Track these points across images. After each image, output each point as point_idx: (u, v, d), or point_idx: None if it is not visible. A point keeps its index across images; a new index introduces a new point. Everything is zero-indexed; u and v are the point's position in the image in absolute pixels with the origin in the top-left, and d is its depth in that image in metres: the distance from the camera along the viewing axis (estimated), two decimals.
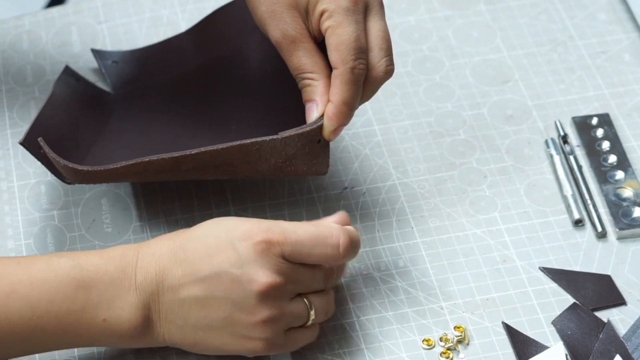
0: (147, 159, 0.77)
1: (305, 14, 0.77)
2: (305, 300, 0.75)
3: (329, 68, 0.78)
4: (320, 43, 0.79)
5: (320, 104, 0.78)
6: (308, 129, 0.77)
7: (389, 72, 0.78)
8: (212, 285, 0.72)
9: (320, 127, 0.78)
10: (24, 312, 0.71)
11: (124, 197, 0.87)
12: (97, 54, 0.93)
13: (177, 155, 0.77)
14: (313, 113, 0.78)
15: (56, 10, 0.98)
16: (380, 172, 0.89)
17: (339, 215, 0.77)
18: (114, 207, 0.86)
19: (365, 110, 0.92)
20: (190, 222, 0.85)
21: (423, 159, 0.89)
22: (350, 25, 0.76)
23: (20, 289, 0.71)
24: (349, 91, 0.76)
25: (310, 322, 0.75)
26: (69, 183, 0.81)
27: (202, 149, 0.77)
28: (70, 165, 0.78)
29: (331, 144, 0.89)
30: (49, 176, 0.87)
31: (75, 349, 0.77)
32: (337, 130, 0.78)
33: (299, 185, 0.88)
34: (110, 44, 0.96)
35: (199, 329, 0.73)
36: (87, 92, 0.88)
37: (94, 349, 0.78)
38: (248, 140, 0.77)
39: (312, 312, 0.75)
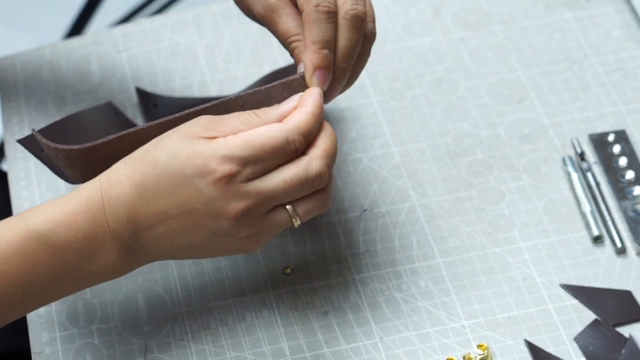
0: (137, 128, 0.75)
1: None
2: (286, 208, 0.73)
3: None
4: None
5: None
6: (291, 78, 0.75)
7: (361, 16, 0.75)
8: (184, 220, 0.72)
9: (303, 76, 0.75)
10: (5, 287, 0.71)
11: None
12: (140, 94, 0.93)
13: (166, 120, 0.75)
14: (301, 69, 0.76)
15: (76, 40, 1.00)
16: (399, 194, 0.89)
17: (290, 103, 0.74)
18: None
19: (383, 132, 0.93)
20: None
21: (441, 179, 0.90)
22: None
23: None
24: (316, 29, 0.74)
25: (296, 225, 0.73)
26: (71, 182, 0.78)
27: (190, 110, 0.75)
28: (61, 147, 0.75)
29: (350, 167, 0.90)
30: None
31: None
32: (320, 76, 0.75)
33: None
34: (129, 73, 0.97)
35: (185, 250, 0.74)
36: (122, 125, 0.88)
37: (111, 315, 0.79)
38: (232, 95, 0.75)
39: (297, 219, 0.73)
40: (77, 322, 0.82)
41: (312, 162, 0.72)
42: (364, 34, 0.76)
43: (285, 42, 0.77)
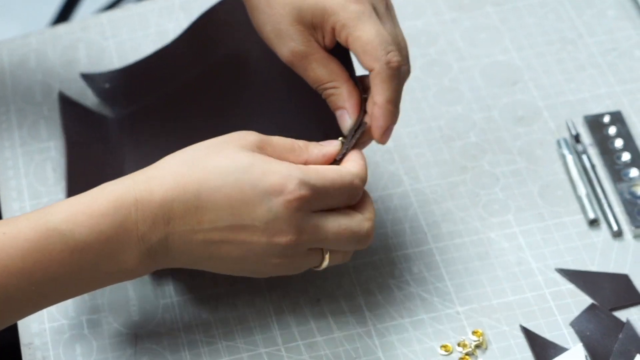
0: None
1: (311, 27, 0.75)
2: (322, 252, 0.74)
3: (346, 72, 0.77)
4: (331, 50, 0.78)
5: (350, 109, 0.76)
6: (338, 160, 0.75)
7: (407, 72, 0.76)
8: (232, 233, 0.71)
9: (362, 134, 0.76)
10: (20, 285, 0.70)
11: None
12: (87, 79, 0.91)
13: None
14: (346, 120, 0.76)
15: (62, 27, 0.98)
16: (392, 179, 0.88)
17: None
18: None
19: None
20: None
21: (434, 163, 0.89)
22: (367, 24, 0.74)
23: (11, 266, 0.69)
24: (390, 88, 0.74)
25: (317, 269, 0.75)
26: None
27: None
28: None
29: None
30: (61, 195, 0.87)
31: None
32: (387, 131, 0.76)
33: None
34: (117, 60, 0.95)
35: (209, 262, 0.73)
36: (90, 121, 0.87)
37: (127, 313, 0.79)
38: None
39: (322, 265, 0.74)
40: (67, 312, 0.81)
41: (365, 221, 0.74)
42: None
43: (317, 89, 0.77)
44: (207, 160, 0.71)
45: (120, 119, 0.88)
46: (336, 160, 0.75)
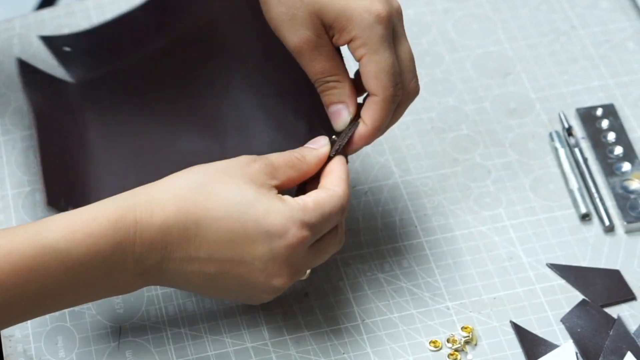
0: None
1: (328, 26, 0.75)
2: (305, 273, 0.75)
3: (347, 70, 0.77)
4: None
5: (350, 106, 0.77)
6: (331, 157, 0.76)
7: (417, 92, 0.78)
8: (229, 266, 0.71)
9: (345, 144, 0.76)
10: (13, 299, 0.69)
11: None
12: (46, 41, 0.88)
13: None
14: (344, 115, 0.77)
15: (47, 12, 0.97)
16: (382, 171, 0.87)
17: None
18: None
19: None
20: None
21: (425, 155, 0.88)
22: (386, 52, 0.75)
23: (5, 280, 0.68)
24: (385, 117, 0.76)
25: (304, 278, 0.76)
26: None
27: None
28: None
29: None
30: None
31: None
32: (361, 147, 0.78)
33: None
34: None
35: (203, 289, 0.73)
36: (51, 87, 0.85)
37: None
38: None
39: (307, 272, 0.75)
40: None
41: (343, 238, 0.75)
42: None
43: (318, 80, 0.76)
44: (212, 188, 0.71)
45: (82, 85, 0.86)
46: (330, 157, 0.75)
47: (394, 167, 0.87)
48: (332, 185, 0.74)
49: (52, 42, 0.89)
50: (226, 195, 0.71)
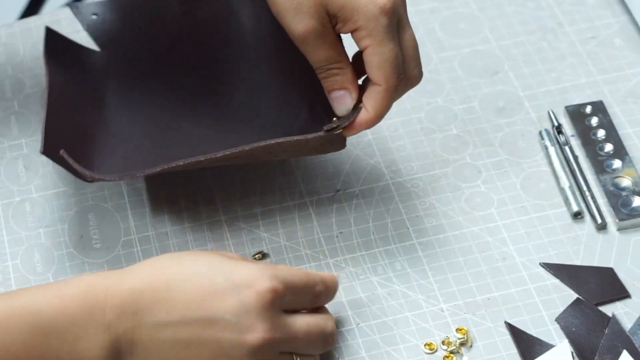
0: (172, 165, 0.77)
1: (333, 16, 0.76)
2: (293, 356, 0.72)
3: (347, 56, 0.78)
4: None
5: (353, 92, 0.78)
6: (332, 133, 0.77)
7: (420, 79, 0.79)
8: (201, 329, 0.69)
9: (341, 133, 0.78)
10: None
11: (112, 211, 0.84)
12: (75, 9, 0.90)
13: (202, 159, 0.77)
14: (347, 101, 0.78)
15: (32, 20, 0.96)
16: (372, 173, 0.87)
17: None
18: (102, 221, 0.84)
19: None
20: (180, 234, 0.83)
21: (415, 156, 0.88)
22: (390, 43, 0.76)
23: None
24: (388, 106, 0.77)
25: None
26: (89, 181, 0.78)
27: (228, 152, 0.77)
28: (97, 176, 0.77)
29: None
30: (34, 193, 0.85)
31: None
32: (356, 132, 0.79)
33: (290, 190, 0.86)
34: None
35: None
36: (79, 60, 0.87)
37: None
38: (273, 141, 0.77)
39: None
40: None
41: (329, 321, 0.74)
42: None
43: (321, 67, 0.77)
44: (184, 258, 0.71)
45: (106, 52, 0.88)
46: (332, 134, 0.77)
47: (384, 169, 0.87)
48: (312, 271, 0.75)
49: (80, 11, 0.90)
50: (196, 258, 0.71)
